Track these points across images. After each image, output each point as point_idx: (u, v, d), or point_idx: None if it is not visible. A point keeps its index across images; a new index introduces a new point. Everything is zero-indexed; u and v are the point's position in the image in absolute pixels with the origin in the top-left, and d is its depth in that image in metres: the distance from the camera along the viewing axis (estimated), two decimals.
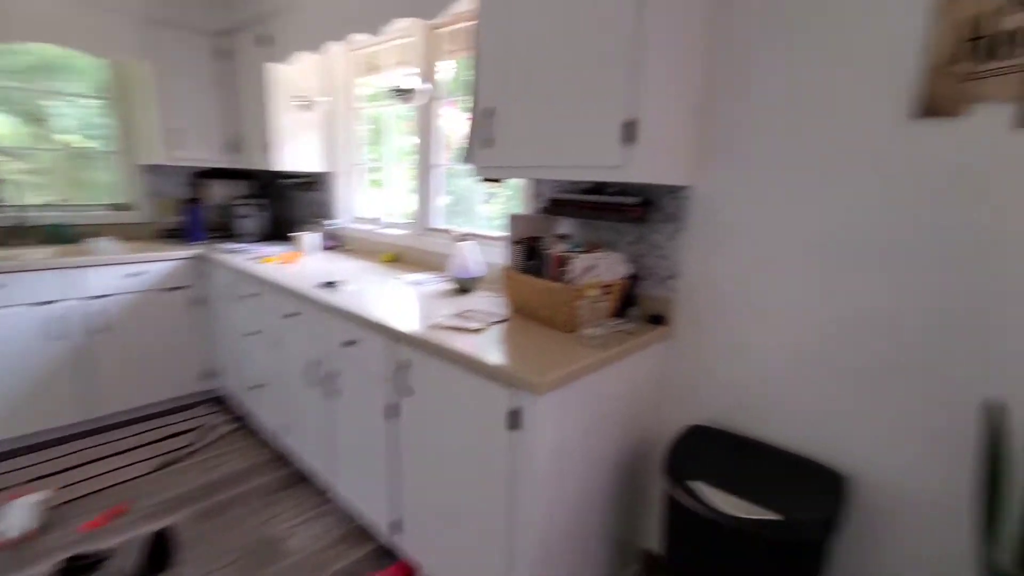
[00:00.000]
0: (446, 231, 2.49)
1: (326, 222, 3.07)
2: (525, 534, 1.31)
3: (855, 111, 1.25)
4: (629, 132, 1.26)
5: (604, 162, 1.30)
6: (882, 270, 1.26)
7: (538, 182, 1.96)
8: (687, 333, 1.62)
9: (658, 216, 1.63)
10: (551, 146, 1.43)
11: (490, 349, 1.39)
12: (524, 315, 1.69)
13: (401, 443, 1.66)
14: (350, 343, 1.79)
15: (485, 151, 1.65)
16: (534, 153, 1.49)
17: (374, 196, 3.07)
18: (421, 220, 2.60)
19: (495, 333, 1.53)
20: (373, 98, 2.90)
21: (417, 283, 2.16)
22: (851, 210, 1.28)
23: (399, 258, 2.67)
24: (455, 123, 2.51)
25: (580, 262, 1.51)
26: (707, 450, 1.42)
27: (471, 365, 1.34)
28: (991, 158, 1.09)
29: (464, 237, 2.31)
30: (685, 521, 1.33)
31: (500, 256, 2.11)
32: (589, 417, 1.41)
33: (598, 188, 1.72)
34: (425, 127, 2.48)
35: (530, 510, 1.29)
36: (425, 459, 1.58)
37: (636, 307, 1.64)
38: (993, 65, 1.05)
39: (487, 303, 1.86)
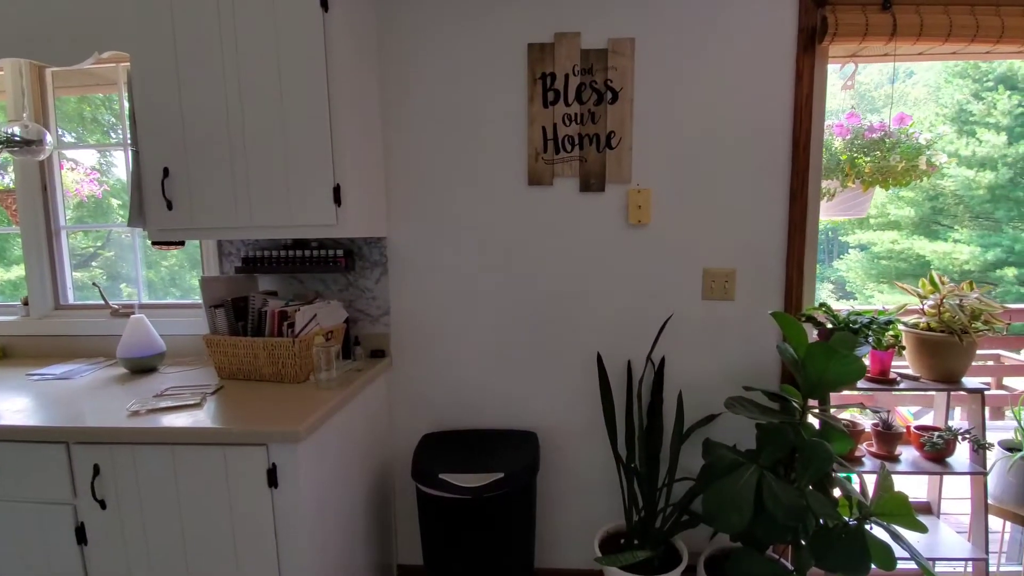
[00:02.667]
0: (103, 306, 2.02)
1: None
2: None
3: (498, 182, 1.80)
4: (336, 195, 1.46)
5: (322, 221, 1.46)
6: (524, 277, 1.84)
7: (227, 242, 1.88)
8: (404, 360, 1.89)
9: (363, 263, 1.85)
10: (262, 208, 1.48)
11: (227, 416, 1.32)
12: (242, 378, 1.62)
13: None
14: None
15: (163, 213, 1.53)
16: (237, 215, 1.50)
17: None
18: (42, 298, 2.02)
19: (219, 401, 1.43)
20: None
21: (65, 375, 1.71)
22: (499, 244, 1.83)
23: (6, 352, 2.00)
24: (83, 176, 2.10)
25: (302, 314, 1.59)
26: (441, 449, 1.71)
27: (212, 437, 1.25)
28: (569, 207, 1.79)
29: (127, 309, 1.95)
30: (437, 510, 1.58)
31: (185, 326, 1.91)
32: (340, 455, 1.50)
33: (299, 243, 1.81)
34: (43, 184, 1.97)
35: (301, 560, 1.28)
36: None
37: (359, 346, 1.80)
38: (562, 155, 1.74)
39: (187, 377, 1.67)
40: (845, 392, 1.86)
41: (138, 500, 1.29)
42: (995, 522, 1.81)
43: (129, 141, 1.64)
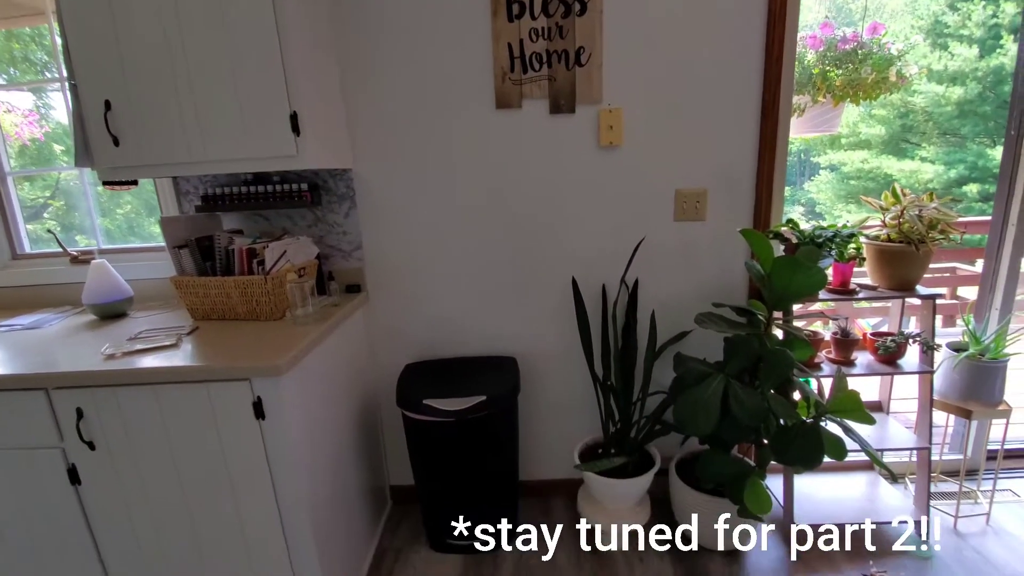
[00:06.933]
0: (61, 253, 1.94)
1: None
2: (296, 510, 1.35)
3: (465, 107, 1.73)
4: (294, 124, 1.39)
5: (281, 152, 1.40)
6: (496, 204, 1.82)
7: (183, 179, 1.80)
8: (380, 294, 1.90)
9: (329, 198, 1.80)
10: (216, 141, 1.41)
11: (206, 354, 1.32)
12: (217, 318, 1.61)
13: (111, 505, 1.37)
14: None
15: (110, 150, 1.45)
16: (190, 149, 1.42)
17: None
18: None
19: (196, 341, 1.43)
20: None
21: (33, 325, 1.67)
22: (469, 171, 1.79)
23: None
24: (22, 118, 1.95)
25: (271, 251, 1.55)
26: (424, 377, 1.76)
27: (194, 374, 1.25)
28: (539, 131, 1.75)
29: (86, 255, 1.89)
30: (424, 433, 1.65)
31: (150, 269, 1.86)
32: (325, 386, 1.53)
33: (260, 178, 1.74)
34: None
35: (295, 486, 1.34)
36: (161, 497, 1.37)
37: (333, 281, 1.79)
38: (530, 75, 1.67)
39: (159, 320, 1.65)
40: (811, 308, 1.95)
41: (127, 439, 1.31)
42: (940, 418, 1.98)
43: (66, 75, 1.52)
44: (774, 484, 1.91)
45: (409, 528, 1.97)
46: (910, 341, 1.79)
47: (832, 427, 1.47)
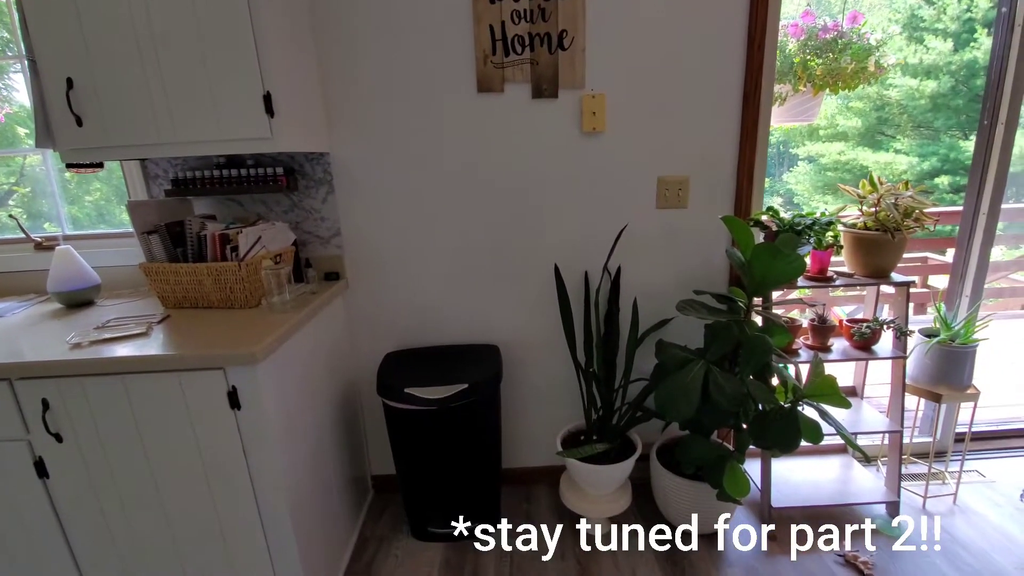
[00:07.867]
0: (25, 239, 1.86)
1: None
2: (274, 501, 1.33)
3: (446, 90, 1.69)
4: (268, 104, 1.35)
5: (255, 134, 1.35)
6: (478, 190, 1.80)
7: (152, 163, 1.74)
8: (360, 281, 1.86)
9: (306, 182, 1.76)
10: (186, 122, 1.35)
11: (178, 342, 1.28)
12: (189, 306, 1.56)
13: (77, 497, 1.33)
14: None
15: (73, 131, 1.39)
16: (158, 130, 1.37)
17: None
18: None
19: (167, 330, 1.38)
20: None
21: None
22: (450, 156, 1.76)
23: None
24: None
25: (245, 236, 1.51)
26: (405, 365, 1.74)
27: (164, 363, 1.21)
28: (521, 116, 1.72)
29: (51, 242, 1.81)
30: (405, 422, 1.63)
31: (119, 256, 1.80)
32: (303, 375, 1.50)
33: (233, 162, 1.69)
34: None
35: (273, 477, 1.31)
36: (137, 492, 1.33)
37: (311, 268, 1.75)
38: (512, 58, 1.64)
39: (128, 308, 1.60)
40: (791, 296, 1.98)
41: (95, 431, 1.27)
42: (911, 402, 2.03)
43: (24, 51, 1.44)
44: (752, 468, 1.94)
45: (391, 517, 1.96)
46: (884, 327, 1.83)
47: (809, 411, 1.50)
